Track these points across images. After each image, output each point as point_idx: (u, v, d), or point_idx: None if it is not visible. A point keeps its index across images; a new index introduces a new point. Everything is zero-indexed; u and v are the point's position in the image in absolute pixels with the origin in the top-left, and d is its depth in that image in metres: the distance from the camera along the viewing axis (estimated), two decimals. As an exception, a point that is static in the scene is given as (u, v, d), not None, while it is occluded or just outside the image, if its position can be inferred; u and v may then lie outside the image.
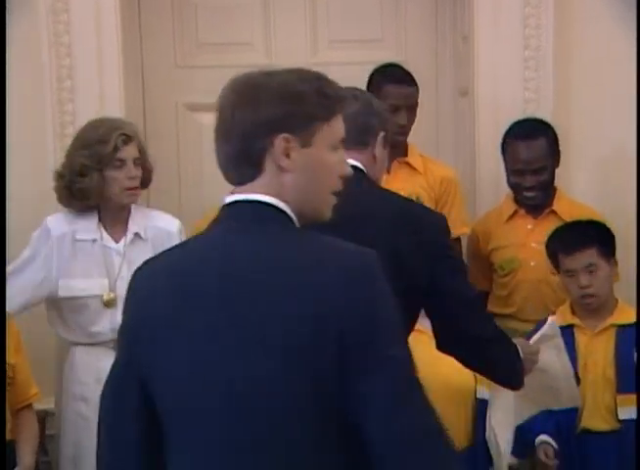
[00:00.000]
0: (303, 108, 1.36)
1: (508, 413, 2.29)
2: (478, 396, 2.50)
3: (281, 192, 1.36)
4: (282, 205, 1.36)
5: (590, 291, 2.55)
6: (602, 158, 3.16)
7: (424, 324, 1.96)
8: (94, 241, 2.49)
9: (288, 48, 3.44)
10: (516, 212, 2.93)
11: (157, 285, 1.39)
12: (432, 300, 1.89)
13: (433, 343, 1.95)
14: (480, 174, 3.12)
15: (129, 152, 2.48)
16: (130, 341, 1.42)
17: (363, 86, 2.98)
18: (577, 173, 3.13)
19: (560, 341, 2.25)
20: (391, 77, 2.91)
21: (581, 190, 3.10)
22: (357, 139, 1.93)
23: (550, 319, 2.27)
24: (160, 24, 3.39)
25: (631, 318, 2.59)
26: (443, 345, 1.96)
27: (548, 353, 2.21)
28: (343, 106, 1.42)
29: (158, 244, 2.51)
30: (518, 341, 2.05)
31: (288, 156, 1.36)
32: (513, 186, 2.86)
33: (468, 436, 2.50)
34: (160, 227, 2.58)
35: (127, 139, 2.47)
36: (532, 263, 2.86)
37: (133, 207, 2.60)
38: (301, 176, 1.37)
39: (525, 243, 2.90)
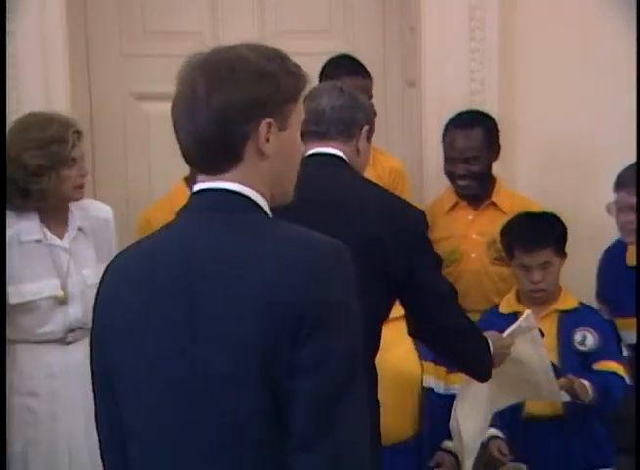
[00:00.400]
0: (280, 88, 1.31)
1: (478, 405, 2.30)
2: (424, 384, 2.51)
3: (255, 180, 1.31)
4: (253, 194, 1.31)
5: (542, 286, 2.60)
6: (546, 150, 3.20)
7: None
8: (38, 241, 2.43)
9: (236, 37, 3.37)
10: (457, 204, 2.95)
11: (123, 280, 1.35)
12: (407, 291, 1.93)
13: (386, 329, 1.98)
14: (426, 165, 3.15)
15: (82, 149, 2.45)
16: (99, 344, 1.39)
17: (312, 76, 2.99)
18: (521, 165, 3.17)
19: (537, 334, 2.28)
20: (347, 69, 2.92)
21: (524, 182, 3.14)
22: (342, 131, 2.01)
23: (526, 312, 2.30)
24: (105, 12, 3.36)
25: (573, 305, 2.65)
26: (416, 333, 2.04)
27: (524, 346, 2.23)
28: (306, 83, 1.38)
29: (98, 234, 2.51)
30: (489, 334, 2.10)
31: (268, 141, 1.30)
32: (447, 174, 2.89)
33: (414, 424, 2.50)
34: (96, 217, 2.55)
35: (80, 136, 2.43)
36: (473, 255, 2.89)
37: None
38: (277, 162, 1.33)
39: (465, 234, 2.92)
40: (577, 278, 2.78)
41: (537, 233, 2.61)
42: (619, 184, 2.57)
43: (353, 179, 2.02)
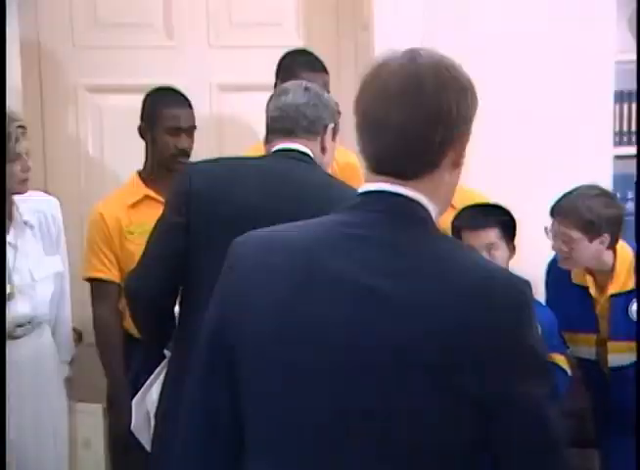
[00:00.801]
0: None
1: None
2: None
3: (438, 194, 1.27)
4: (431, 207, 1.26)
5: None
6: (496, 150, 3.23)
7: None
8: None
9: (189, 30, 3.41)
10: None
11: (271, 260, 1.28)
12: None
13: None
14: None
15: (24, 144, 2.41)
16: (226, 318, 1.31)
17: (265, 69, 3.00)
18: (469, 165, 3.17)
19: None
20: (305, 64, 2.92)
21: (477, 180, 3.15)
22: (307, 128, 2.11)
23: None
24: (56, 3, 3.32)
25: None
26: None
27: None
28: None
29: (44, 226, 2.50)
30: None
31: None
32: None
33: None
34: (42, 210, 2.53)
35: (24, 131, 2.40)
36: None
37: None
38: (457, 177, 1.30)
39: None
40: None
41: (483, 214, 2.63)
42: (553, 212, 2.57)
43: (316, 173, 2.09)
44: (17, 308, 2.40)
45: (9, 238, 2.43)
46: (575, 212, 2.51)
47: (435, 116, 1.23)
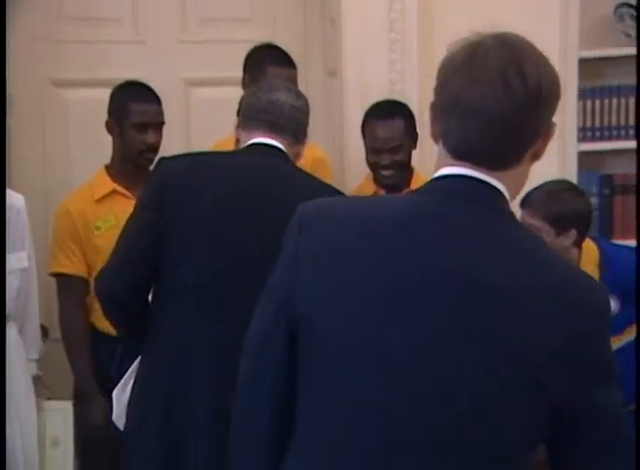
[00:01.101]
0: None
1: None
2: None
3: (512, 182, 1.25)
4: (508, 196, 1.24)
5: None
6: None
7: None
8: None
9: (157, 24, 3.40)
10: (375, 193, 2.99)
11: (346, 230, 1.23)
12: None
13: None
14: (347, 154, 3.17)
15: None
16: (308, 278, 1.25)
17: (233, 64, 3.00)
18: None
19: None
20: (273, 59, 2.91)
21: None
22: (293, 132, 2.14)
23: None
24: (22, -4, 3.29)
25: None
26: None
27: None
28: None
29: (10, 223, 2.45)
30: None
31: None
32: (371, 165, 2.92)
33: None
34: (9, 205, 2.49)
35: None
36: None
37: None
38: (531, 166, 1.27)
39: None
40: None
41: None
42: (523, 203, 2.57)
43: (292, 170, 2.13)
44: None
45: None
46: (545, 205, 2.52)
47: (534, 105, 1.19)
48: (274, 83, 2.23)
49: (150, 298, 2.12)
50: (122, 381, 2.19)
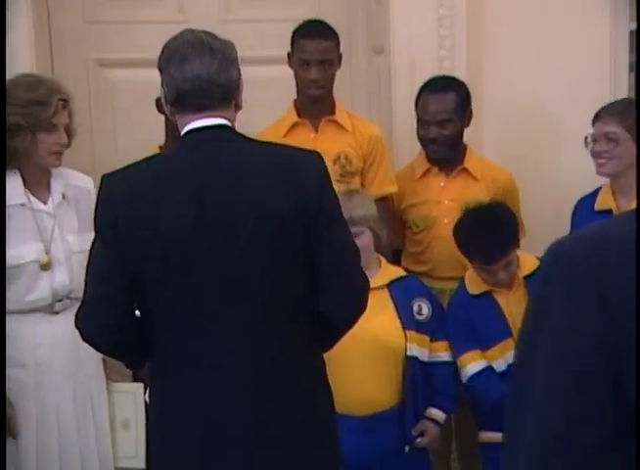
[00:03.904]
0: None
1: None
2: (408, 353, 2.49)
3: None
4: None
5: (505, 279, 2.59)
6: (513, 115, 3.22)
7: None
8: (23, 205, 2.38)
9: (200, 4, 3.38)
10: (429, 170, 2.96)
11: None
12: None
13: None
14: (397, 132, 3.15)
15: (63, 117, 2.40)
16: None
17: (277, 43, 2.97)
18: (489, 131, 3.18)
19: None
20: (304, 32, 2.90)
21: (492, 147, 3.15)
22: (221, 97, 1.86)
23: None
24: (66, -22, 3.28)
25: (533, 266, 2.57)
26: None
27: None
28: None
29: (80, 203, 2.47)
30: None
31: None
32: (420, 139, 2.90)
33: (398, 393, 2.49)
34: (79, 186, 2.52)
35: (65, 104, 2.39)
36: (446, 220, 2.89)
37: None
38: None
39: (438, 200, 2.94)
40: (538, 246, 2.79)
41: (495, 245, 2.55)
42: (597, 116, 2.65)
43: (245, 143, 1.90)
44: (55, 279, 2.38)
45: (48, 208, 2.42)
46: (621, 112, 2.60)
47: None
48: (185, 51, 1.87)
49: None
50: None
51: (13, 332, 2.35)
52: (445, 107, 2.83)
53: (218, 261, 1.79)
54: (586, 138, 2.66)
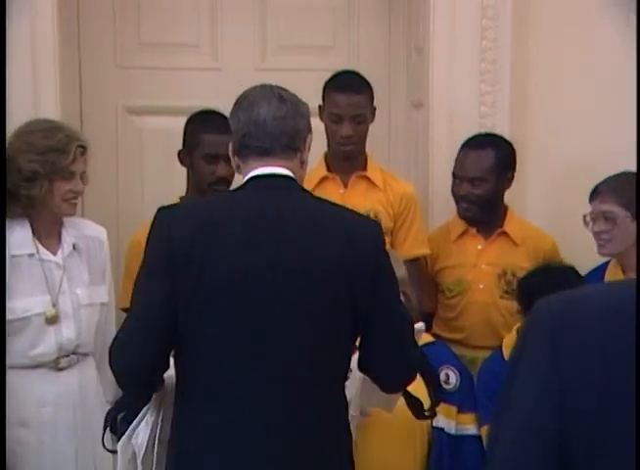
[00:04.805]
0: None
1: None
2: (434, 424, 2.37)
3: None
4: None
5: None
6: (558, 175, 3.09)
7: None
8: (31, 255, 2.32)
9: (236, 51, 3.31)
10: (466, 232, 2.84)
11: None
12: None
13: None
14: (433, 190, 3.03)
15: (81, 165, 2.35)
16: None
17: (313, 93, 2.87)
18: (533, 191, 3.06)
19: None
20: (336, 85, 2.79)
21: (536, 208, 3.03)
22: (286, 145, 1.84)
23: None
24: (99, 21, 3.22)
25: None
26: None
27: None
28: None
29: (92, 254, 2.42)
30: None
31: None
32: (453, 195, 2.79)
33: (422, 465, 2.39)
34: (91, 237, 2.46)
35: (83, 151, 2.35)
36: (481, 286, 2.78)
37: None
38: None
39: (474, 264, 2.81)
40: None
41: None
42: (594, 193, 2.56)
43: (305, 197, 1.90)
44: (61, 333, 2.31)
45: (57, 259, 2.35)
46: (617, 190, 2.51)
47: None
48: (250, 96, 1.88)
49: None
50: (127, 432, 2.01)
51: (16, 388, 2.27)
52: (481, 165, 2.72)
53: (259, 321, 1.78)
54: (585, 217, 2.55)
